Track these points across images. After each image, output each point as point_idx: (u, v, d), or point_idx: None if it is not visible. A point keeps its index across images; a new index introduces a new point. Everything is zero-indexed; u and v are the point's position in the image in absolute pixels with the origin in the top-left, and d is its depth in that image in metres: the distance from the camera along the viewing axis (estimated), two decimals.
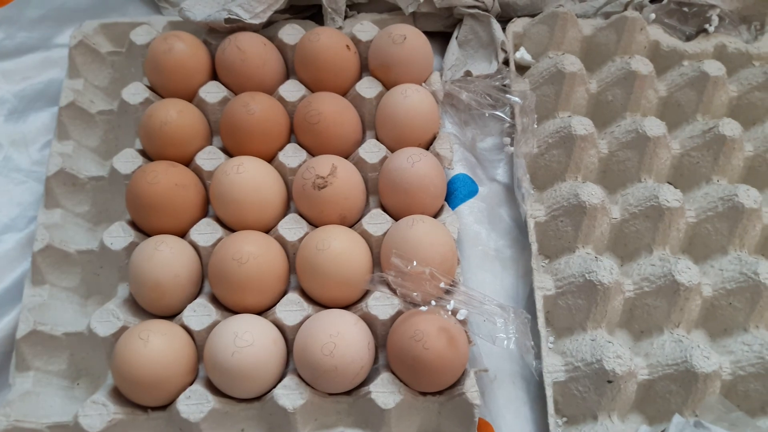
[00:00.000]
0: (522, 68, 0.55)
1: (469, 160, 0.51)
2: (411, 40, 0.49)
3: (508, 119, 0.49)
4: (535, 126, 0.50)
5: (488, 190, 0.50)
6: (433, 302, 0.40)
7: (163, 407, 0.39)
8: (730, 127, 0.49)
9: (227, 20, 0.49)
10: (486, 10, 0.54)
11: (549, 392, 0.42)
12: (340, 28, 0.54)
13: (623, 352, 0.41)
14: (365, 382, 0.40)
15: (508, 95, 0.48)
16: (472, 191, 0.49)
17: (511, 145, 0.51)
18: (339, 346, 0.38)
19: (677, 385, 0.41)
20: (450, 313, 0.39)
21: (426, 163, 0.44)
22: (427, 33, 0.56)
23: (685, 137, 0.51)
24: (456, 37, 0.54)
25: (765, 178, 0.50)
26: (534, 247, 0.47)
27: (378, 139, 0.48)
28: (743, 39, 0.56)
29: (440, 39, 0.56)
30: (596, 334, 0.43)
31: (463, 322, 0.41)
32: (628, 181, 0.50)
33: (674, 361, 0.41)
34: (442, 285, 0.39)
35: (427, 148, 0.48)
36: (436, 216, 0.45)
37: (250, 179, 0.42)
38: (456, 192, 0.48)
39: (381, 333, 0.41)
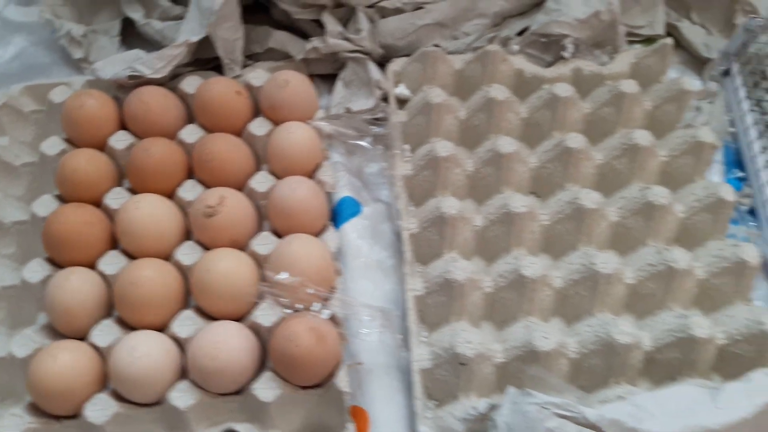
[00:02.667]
0: (403, 102, 0.62)
1: (354, 184, 0.57)
2: (294, 84, 0.56)
3: (370, 147, 0.56)
4: (409, 151, 0.58)
5: (372, 209, 0.57)
6: (314, 307, 0.46)
7: (74, 416, 0.45)
8: (575, 141, 0.56)
9: (130, 77, 0.56)
10: (367, 53, 0.62)
11: (415, 378, 0.48)
12: (239, 76, 0.61)
13: (473, 338, 0.47)
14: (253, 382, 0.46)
15: (372, 126, 0.55)
16: (356, 211, 0.56)
17: (389, 169, 0.58)
18: (222, 351, 0.44)
19: (525, 364, 0.47)
20: (321, 315, 0.45)
21: (305, 189, 0.51)
22: (320, 75, 0.64)
23: (541, 151, 0.58)
24: (341, 78, 0.62)
25: (614, 182, 0.57)
26: (407, 255, 0.53)
27: (270, 171, 0.55)
28: (598, 62, 0.64)
29: (331, 80, 0.64)
30: (457, 325, 0.49)
31: (337, 322, 0.47)
32: (492, 193, 0.57)
33: (521, 344, 0.48)
34: (312, 291, 0.45)
35: (312, 176, 0.55)
36: (318, 234, 0.52)
37: (147, 214, 0.49)
38: (341, 213, 0.55)
39: (268, 339, 0.48)
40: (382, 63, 0.63)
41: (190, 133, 0.56)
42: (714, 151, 0.57)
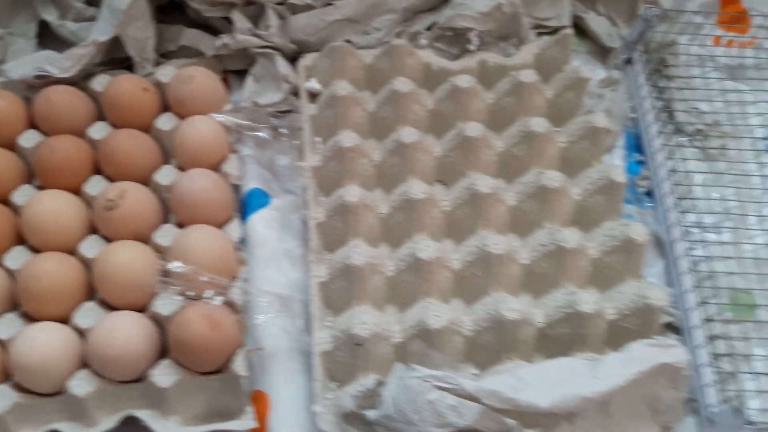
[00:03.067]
0: (316, 96, 0.64)
1: (264, 177, 0.59)
2: (199, 79, 0.57)
3: (270, 138, 0.57)
4: (321, 143, 0.59)
5: (283, 200, 0.59)
6: (206, 294, 0.47)
7: None
8: (473, 129, 0.58)
9: (37, 77, 0.57)
10: (278, 49, 0.63)
11: (315, 361, 0.50)
12: (150, 74, 0.62)
13: (369, 319, 0.49)
14: None
15: (275, 119, 0.57)
16: (264, 203, 0.57)
17: (300, 161, 0.59)
18: (118, 338, 0.45)
19: (421, 340, 0.49)
20: (213, 302, 0.47)
21: (206, 181, 0.52)
22: (235, 71, 0.65)
23: (445, 141, 0.60)
24: (252, 74, 0.63)
25: (514, 168, 0.59)
26: (313, 243, 0.55)
27: (177, 166, 0.56)
28: (504, 54, 0.66)
29: (245, 76, 0.65)
30: (357, 308, 0.51)
31: (236, 309, 0.48)
32: (398, 182, 0.58)
33: (416, 323, 0.50)
34: (206, 279, 0.47)
35: (217, 169, 0.56)
36: (222, 225, 0.53)
37: (50, 209, 0.50)
38: (249, 204, 0.57)
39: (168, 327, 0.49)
40: (295, 58, 0.65)
41: (99, 131, 0.57)
42: (609, 135, 0.59)
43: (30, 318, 0.49)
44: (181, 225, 0.53)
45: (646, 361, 0.46)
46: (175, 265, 0.46)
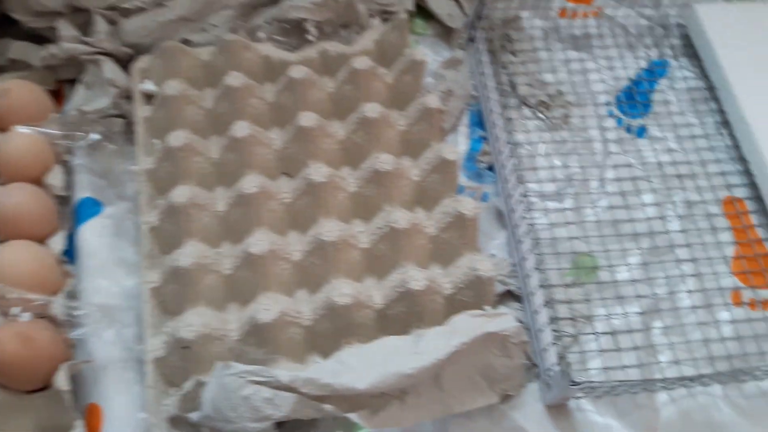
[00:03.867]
0: (152, 97, 0.62)
1: (97, 184, 0.57)
2: (16, 92, 0.56)
3: (102, 144, 0.56)
4: (158, 144, 0.58)
5: (116, 207, 0.57)
6: (12, 311, 0.46)
7: None
8: (306, 119, 0.57)
9: None
10: (110, 54, 0.62)
11: (148, 368, 0.48)
12: None
13: (195, 321, 0.48)
14: None
15: (97, 125, 0.56)
16: (95, 212, 0.56)
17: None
18: None
19: (253, 338, 0.49)
20: (22, 318, 0.45)
21: (23, 195, 0.51)
22: (69, 81, 0.63)
23: (285, 132, 0.60)
24: (83, 81, 0.62)
25: (357, 155, 0.59)
26: (145, 248, 0.54)
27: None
28: (345, 42, 0.66)
29: None
30: (191, 311, 0.50)
31: (57, 324, 0.47)
32: (238, 177, 0.58)
33: (248, 319, 0.49)
34: (16, 296, 0.45)
35: (40, 181, 0.54)
36: (45, 239, 0.52)
37: None
38: (79, 214, 0.55)
39: None
40: (131, 62, 0.64)
41: None
42: (441, 116, 0.60)
43: None
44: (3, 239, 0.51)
45: (470, 332, 0.46)
46: None
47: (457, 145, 0.64)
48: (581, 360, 0.53)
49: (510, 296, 0.56)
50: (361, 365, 0.44)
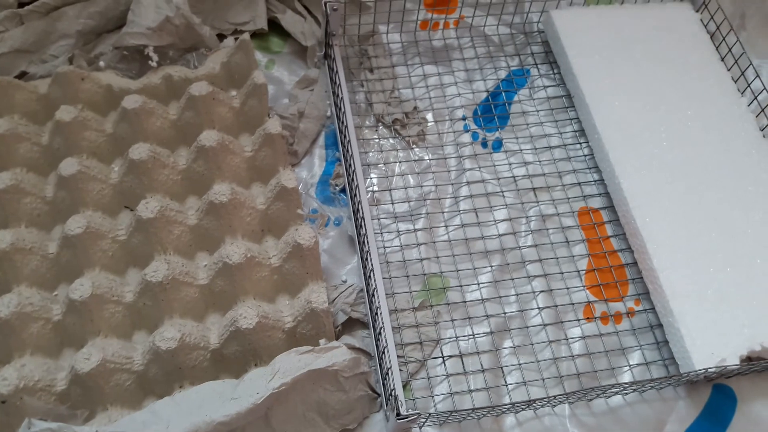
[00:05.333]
0: None
1: None
2: None
3: None
4: None
5: None
6: None
7: None
8: (137, 152, 0.55)
9: None
10: None
11: None
12: None
13: (10, 374, 0.46)
14: None
15: None
16: None
17: None
18: None
19: (79, 388, 0.47)
20: None
21: None
22: None
23: (120, 166, 0.57)
24: None
25: (200, 185, 0.57)
26: None
27: None
28: (192, 66, 0.64)
29: None
30: (15, 362, 0.48)
31: None
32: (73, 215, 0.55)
33: (70, 369, 0.47)
34: None
35: None
36: None
37: None
38: None
39: None
40: None
41: None
42: (283, 140, 0.58)
43: None
44: None
45: (292, 371, 0.45)
46: None
47: (313, 168, 0.63)
48: (428, 386, 0.52)
49: (359, 323, 0.54)
50: (175, 414, 0.43)
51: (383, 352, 0.49)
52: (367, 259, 0.54)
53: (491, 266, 0.58)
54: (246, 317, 0.48)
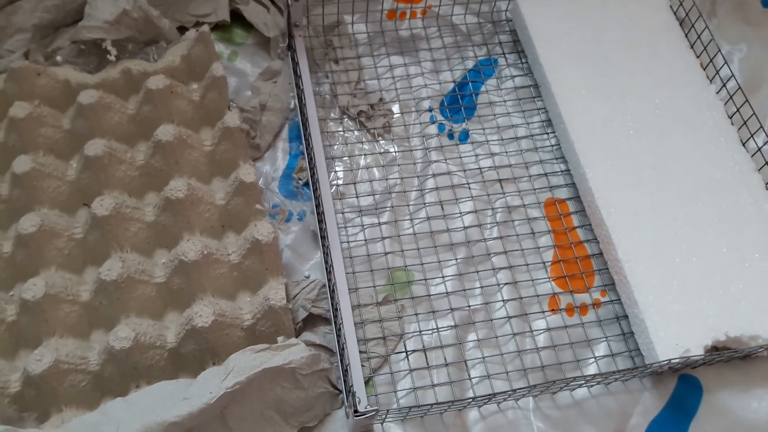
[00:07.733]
0: None
1: None
2: None
3: None
4: None
5: None
6: None
7: None
8: (92, 148, 0.54)
9: None
10: None
11: None
12: None
13: None
14: None
15: None
16: None
17: None
18: None
19: (32, 390, 0.46)
20: None
21: None
22: None
23: (76, 162, 0.56)
24: None
25: (159, 180, 0.56)
26: None
27: None
28: (151, 60, 0.63)
29: None
30: None
31: None
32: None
33: (22, 371, 0.46)
34: None
35: None
36: None
37: None
38: None
39: None
40: None
41: None
42: (242, 134, 0.57)
43: None
44: None
45: (246, 370, 0.44)
46: None
47: (276, 161, 0.62)
48: (390, 381, 0.52)
49: (322, 319, 0.54)
50: (126, 415, 0.42)
51: (343, 348, 0.49)
52: (328, 254, 0.53)
53: (456, 259, 0.57)
54: (202, 315, 0.47)
